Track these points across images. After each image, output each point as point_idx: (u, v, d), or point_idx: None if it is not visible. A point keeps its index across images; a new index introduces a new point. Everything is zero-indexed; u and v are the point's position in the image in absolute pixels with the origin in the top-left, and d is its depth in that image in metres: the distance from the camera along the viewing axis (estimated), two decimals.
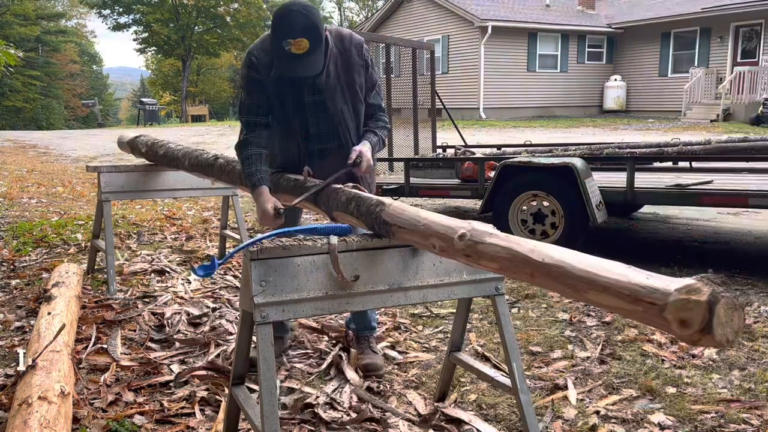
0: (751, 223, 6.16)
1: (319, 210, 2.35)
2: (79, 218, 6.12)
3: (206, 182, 3.79)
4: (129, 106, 66.60)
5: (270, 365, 1.81)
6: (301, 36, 2.27)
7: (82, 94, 49.40)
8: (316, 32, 2.30)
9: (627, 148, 5.38)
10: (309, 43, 2.28)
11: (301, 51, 2.29)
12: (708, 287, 1.06)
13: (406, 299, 2.00)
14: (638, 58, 22.55)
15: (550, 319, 3.49)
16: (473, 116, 21.41)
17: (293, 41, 2.27)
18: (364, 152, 2.48)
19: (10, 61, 6.62)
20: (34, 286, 3.99)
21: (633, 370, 2.82)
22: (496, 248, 1.44)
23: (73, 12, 52.17)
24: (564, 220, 4.59)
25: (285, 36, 2.28)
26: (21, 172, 10.30)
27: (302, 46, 2.28)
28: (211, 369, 2.81)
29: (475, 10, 21.19)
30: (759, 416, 2.38)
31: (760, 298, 3.75)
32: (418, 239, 1.73)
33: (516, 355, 2.10)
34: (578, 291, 1.25)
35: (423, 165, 6.07)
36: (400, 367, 2.89)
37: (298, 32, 2.27)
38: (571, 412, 2.44)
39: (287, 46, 2.28)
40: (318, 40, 2.32)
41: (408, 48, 7.13)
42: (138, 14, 39.70)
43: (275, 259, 1.83)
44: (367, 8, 50.36)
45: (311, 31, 2.28)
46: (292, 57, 2.30)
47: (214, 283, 4.10)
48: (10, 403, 2.33)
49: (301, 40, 2.27)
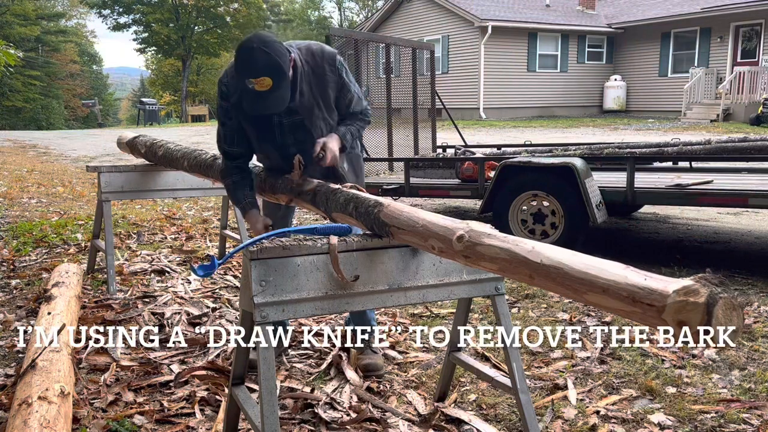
0: (751, 223, 6.16)
1: (318, 210, 2.35)
2: (79, 218, 6.12)
3: (206, 182, 3.79)
4: (129, 106, 66.58)
5: (270, 365, 1.81)
6: (263, 75, 2.22)
7: (82, 94, 49.39)
8: (278, 69, 2.24)
9: (627, 148, 5.38)
10: (272, 81, 2.24)
11: (264, 89, 2.25)
12: (706, 288, 1.06)
13: (406, 299, 2.00)
14: (638, 58, 22.54)
15: (550, 319, 3.49)
16: (473, 116, 21.41)
17: (255, 80, 2.23)
18: (328, 144, 2.49)
19: (10, 61, 6.63)
20: (34, 286, 3.99)
21: (633, 370, 2.82)
22: (495, 250, 1.44)
23: (73, 12, 52.18)
24: (564, 220, 4.60)
25: (247, 75, 2.24)
26: (21, 172, 10.30)
27: (265, 84, 2.24)
28: (211, 369, 2.81)
29: (475, 10, 21.18)
30: (759, 416, 2.38)
31: (760, 298, 3.75)
32: (417, 240, 1.73)
33: (516, 355, 2.10)
34: (577, 292, 1.25)
35: (423, 165, 6.07)
36: (400, 367, 2.89)
37: (259, 71, 2.22)
38: (571, 412, 2.44)
39: (250, 85, 2.25)
40: (281, 76, 2.26)
41: (408, 48, 7.13)
42: (138, 14, 39.74)
43: (275, 259, 1.83)
44: (367, 8, 50.35)
45: (273, 69, 2.23)
46: (256, 94, 2.27)
47: (214, 283, 4.10)
48: (10, 403, 2.33)
49: (264, 79, 2.23)
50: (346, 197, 2.13)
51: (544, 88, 22.60)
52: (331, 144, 2.51)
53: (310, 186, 2.41)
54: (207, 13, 39.70)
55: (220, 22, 40.29)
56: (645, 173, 5.23)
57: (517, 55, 21.94)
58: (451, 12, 21.93)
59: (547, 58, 22.60)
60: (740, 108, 18.11)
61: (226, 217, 4.69)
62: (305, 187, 2.43)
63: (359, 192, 2.16)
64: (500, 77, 21.68)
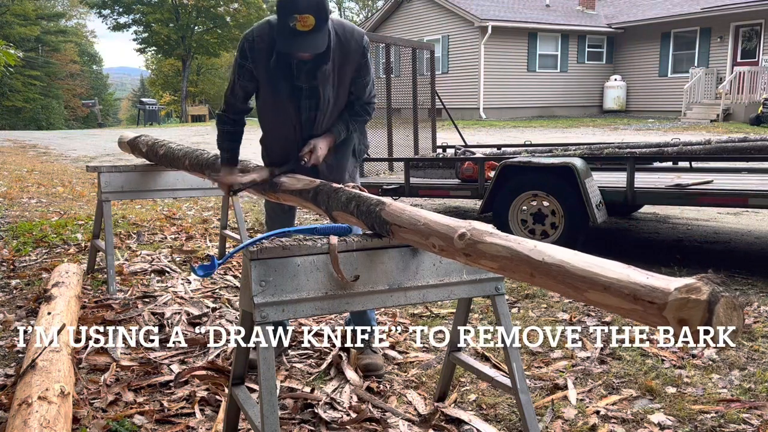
0: (751, 223, 6.16)
1: (319, 209, 2.35)
2: (79, 218, 6.12)
3: (206, 182, 3.78)
4: (129, 106, 66.60)
5: (270, 365, 1.81)
6: (308, 12, 2.27)
7: (82, 94, 49.40)
8: (323, 9, 2.31)
9: (627, 148, 5.38)
10: (315, 20, 2.29)
11: (306, 28, 2.29)
12: (708, 286, 1.06)
13: (406, 299, 2.00)
14: (638, 58, 22.55)
15: (550, 319, 3.49)
16: (473, 116, 21.42)
17: (300, 17, 2.27)
18: (318, 144, 2.57)
19: (10, 61, 6.63)
20: (34, 286, 3.99)
21: (633, 370, 2.82)
22: (496, 248, 1.44)
23: (73, 12, 52.22)
24: (564, 220, 4.59)
25: (292, 11, 2.27)
26: (21, 172, 10.30)
27: (308, 23, 2.28)
28: (211, 369, 2.81)
29: (475, 10, 21.19)
30: (759, 416, 2.38)
31: (760, 298, 3.75)
32: (418, 239, 1.73)
33: (516, 355, 2.10)
34: (578, 290, 1.25)
35: (423, 165, 6.07)
36: (400, 367, 2.89)
37: (305, 8, 2.27)
38: (571, 412, 2.44)
39: (293, 22, 2.28)
40: (324, 18, 2.33)
41: (408, 48, 7.12)
42: (138, 14, 39.76)
43: (275, 259, 1.82)
44: (367, 8, 50.37)
45: (318, 8, 2.29)
46: (296, 33, 2.31)
47: (214, 283, 4.10)
48: (10, 403, 2.33)
49: (308, 17, 2.27)
50: (348, 196, 2.13)
51: (544, 88, 22.60)
52: (321, 145, 2.58)
53: (312, 185, 2.41)
54: (207, 13, 39.71)
55: (220, 22, 40.30)
56: (645, 173, 5.23)
57: (517, 55, 21.95)
58: (451, 12, 21.93)
59: (547, 58, 22.61)
60: (740, 108, 18.11)
61: (226, 217, 4.69)
62: (307, 186, 2.43)
63: (361, 192, 2.16)
64: (500, 77, 21.68)
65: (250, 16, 39.14)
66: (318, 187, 2.36)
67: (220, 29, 40.57)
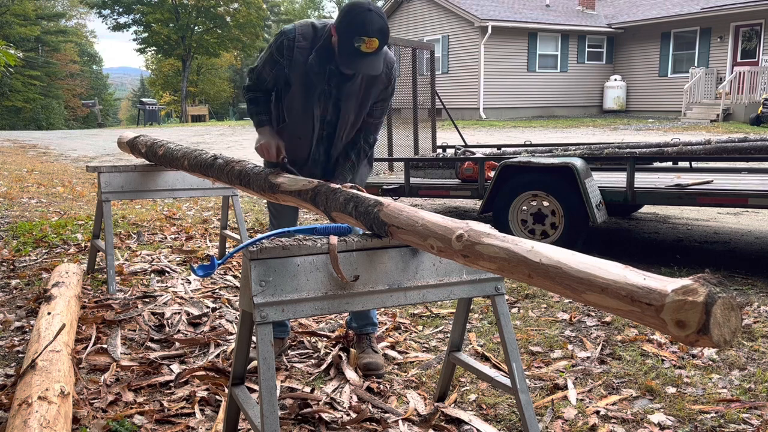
0: (751, 223, 6.16)
1: (318, 210, 2.35)
2: (79, 218, 6.12)
3: (206, 182, 3.79)
4: (129, 106, 66.59)
5: (270, 365, 1.81)
6: (376, 36, 2.34)
7: (82, 94, 49.39)
8: (386, 35, 2.40)
9: (627, 148, 5.38)
10: (379, 44, 2.36)
11: (370, 50, 2.36)
12: (705, 288, 1.06)
13: (405, 299, 2.00)
14: (638, 58, 22.55)
15: (550, 319, 3.49)
16: (473, 116, 21.42)
17: (368, 39, 2.33)
18: None
19: (10, 61, 6.63)
20: (34, 286, 3.99)
21: (633, 370, 2.82)
22: (494, 249, 1.44)
23: (73, 12, 52.18)
24: (564, 220, 4.60)
25: (361, 33, 2.33)
26: (21, 172, 10.30)
27: (373, 45, 2.35)
28: (211, 369, 2.81)
29: (475, 10, 21.19)
30: (759, 416, 2.39)
31: (760, 298, 3.75)
32: (416, 239, 1.73)
33: (516, 355, 2.10)
34: (576, 292, 1.25)
35: (423, 165, 6.07)
36: (400, 367, 2.89)
37: (374, 32, 2.34)
38: (571, 412, 2.44)
39: (358, 43, 2.34)
40: (385, 42, 2.41)
41: (408, 48, 7.12)
42: (138, 14, 39.74)
43: (275, 259, 1.83)
44: None
45: (384, 33, 2.37)
46: (360, 54, 2.37)
47: (214, 283, 4.10)
48: (10, 403, 2.33)
49: (374, 41, 2.34)
50: (346, 197, 2.13)
51: (544, 88, 22.60)
52: None
53: (310, 186, 2.41)
54: (207, 13, 39.70)
55: (220, 22, 40.28)
56: (645, 173, 5.23)
57: (517, 55, 21.95)
58: (451, 12, 21.93)
59: (547, 58, 22.61)
60: (740, 108, 18.11)
61: (226, 217, 4.69)
62: (305, 186, 2.43)
63: (359, 192, 2.16)
64: (500, 77, 21.68)
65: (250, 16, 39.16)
66: (316, 188, 2.36)
67: (220, 29, 40.56)
